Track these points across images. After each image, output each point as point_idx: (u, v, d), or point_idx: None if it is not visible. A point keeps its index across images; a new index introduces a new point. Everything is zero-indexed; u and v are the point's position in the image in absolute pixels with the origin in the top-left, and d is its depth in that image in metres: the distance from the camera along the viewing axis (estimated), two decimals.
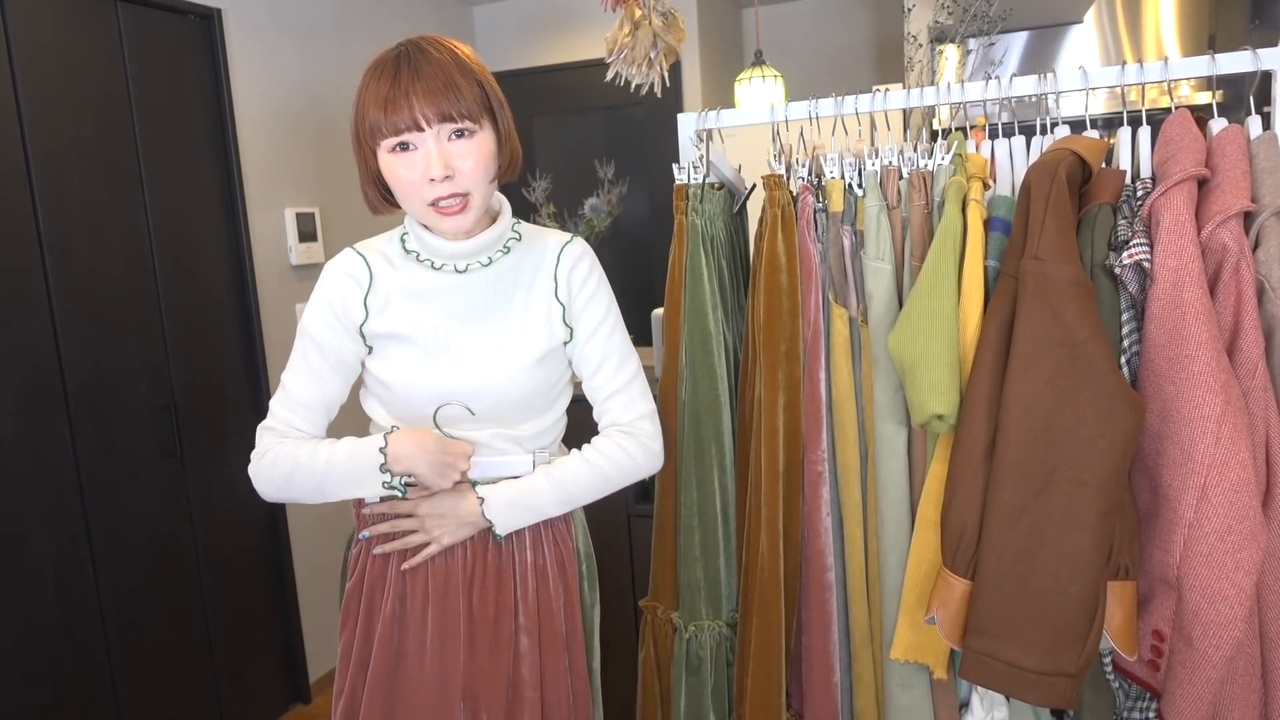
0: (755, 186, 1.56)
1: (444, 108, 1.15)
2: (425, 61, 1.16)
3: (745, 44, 4.28)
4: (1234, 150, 1.21)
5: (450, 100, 1.15)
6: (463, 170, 1.18)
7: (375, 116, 1.16)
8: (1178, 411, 1.15)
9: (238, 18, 2.59)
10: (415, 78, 1.15)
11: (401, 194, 1.22)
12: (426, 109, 1.14)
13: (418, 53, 1.17)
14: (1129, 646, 1.23)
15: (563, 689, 1.34)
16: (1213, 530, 1.12)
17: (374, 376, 1.31)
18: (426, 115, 1.15)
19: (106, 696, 2.23)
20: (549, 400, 1.34)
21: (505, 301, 1.29)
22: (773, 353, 1.42)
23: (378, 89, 1.16)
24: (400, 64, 1.16)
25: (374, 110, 1.16)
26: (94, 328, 2.19)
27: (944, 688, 1.41)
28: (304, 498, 1.26)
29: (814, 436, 1.44)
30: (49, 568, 2.09)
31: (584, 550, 1.42)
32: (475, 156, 1.19)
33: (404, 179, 1.18)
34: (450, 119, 1.16)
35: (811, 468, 1.45)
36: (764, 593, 1.45)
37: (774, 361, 1.43)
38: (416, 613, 1.31)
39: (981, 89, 1.43)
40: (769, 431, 1.43)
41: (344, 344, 1.27)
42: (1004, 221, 1.31)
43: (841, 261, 1.42)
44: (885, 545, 1.41)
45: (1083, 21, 3.07)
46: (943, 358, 1.24)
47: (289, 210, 2.77)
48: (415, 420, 1.29)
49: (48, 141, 2.08)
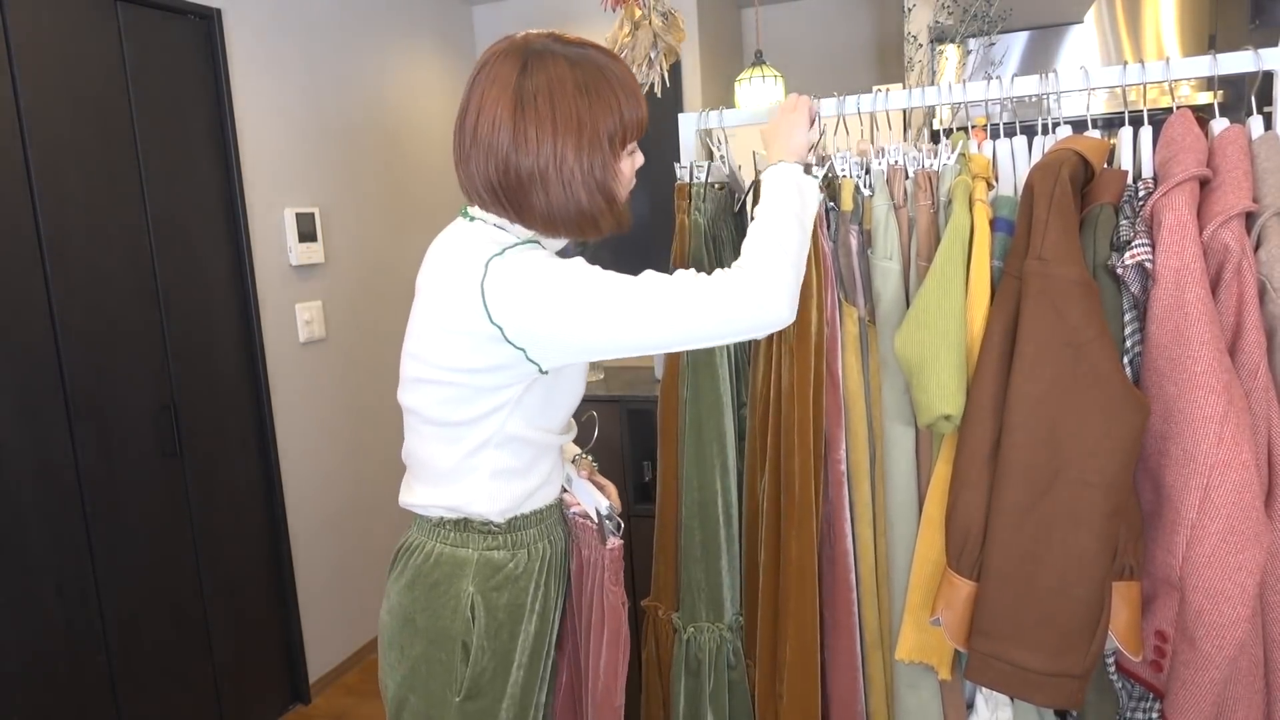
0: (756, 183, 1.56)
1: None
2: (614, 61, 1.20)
3: (745, 44, 4.27)
4: (1235, 150, 1.21)
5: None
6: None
7: (641, 113, 1.17)
8: (1180, 412, 1.15)
9: (238, 18, 2.59)
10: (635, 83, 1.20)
11: (623, 192, 1.21)
12: (644, 112, 1.20)
13: (595, 52, 1.20)
14: (1134, 647, 1.23)
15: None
16: (1215, 531, 1.12)
17: (542, 388, 1.19)
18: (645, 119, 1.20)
19: (106, 696, 2.23)
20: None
21: None
22: (805, 345, 1.40)
23: (632, 89, 1.17)
24: (601, 53, 1.19)
25: (639, 109, 1.17)
26: (94, 328, 2.19)
27: (950, 688, 1.40)
28: (798, 268, 1.16)
29: (835, 436, 1.42)
30: (49, 568, 2.09)
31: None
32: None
33: (630, 178, 1.21)
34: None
35: (835, 468, 1.43)
36: (801, 596, 1.42)
37: (806, 353, 1.40)
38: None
39: (982, 89, 1.43)
40: (802, 428, 1.40)
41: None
42: (1007, 221, 1.31)
43: (849, 260, 1.42)
44: (894, 546, 1.40)
45: (1083, 21, 3.07)
46: (950, 358, 1.24)
47: (289, 210, 2.77)
48: (561, 430, 1.27)
49: (48, 141, 2.08)
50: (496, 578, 1.22)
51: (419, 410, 1.21)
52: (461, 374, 1.13)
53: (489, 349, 1.10)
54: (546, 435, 1.23)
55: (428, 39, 3.44)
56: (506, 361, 1.11)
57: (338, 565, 2.99)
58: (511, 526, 1.23)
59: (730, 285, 1.09)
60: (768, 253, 1.14)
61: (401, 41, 3.31)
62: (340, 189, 2.98)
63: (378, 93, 3.17)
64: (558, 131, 1.10)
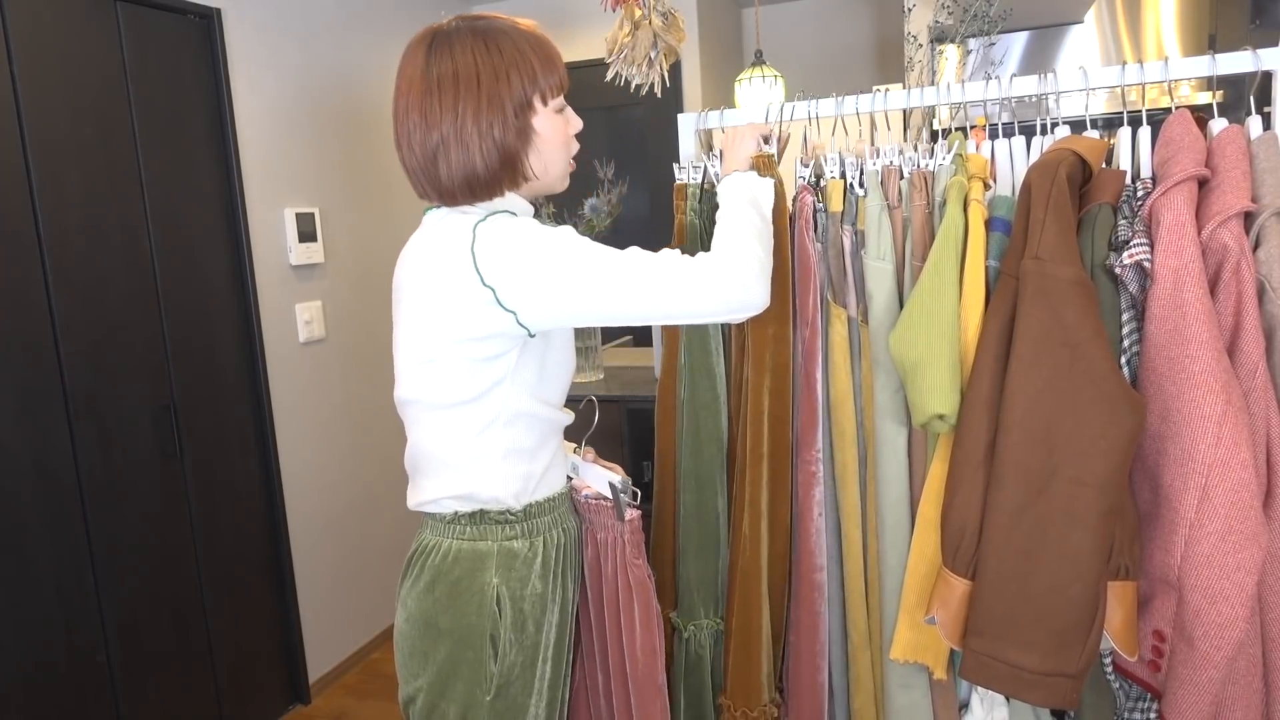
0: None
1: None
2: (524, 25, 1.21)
3: (745, 44, 4.28)
4: (1234, 150, 1.21)
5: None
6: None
7: (552, 72, 1.18)
8: (1178, 412, 1.15)
9: (238, 17, 2.59)
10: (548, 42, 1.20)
11: (556, 154, 1.24)
12: (564, 71, 1.21)
13: (498, 20, 1.20)
14: (1130, 647, 1.23)
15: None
16: (1214, 531, 1.12)
17: (535, 358, 1.21)
18: (565, 78, 1.22)
19: (106, 696, 2.23)
20: None
21: None
22: (761, 333, 1.42)
23: (536, 48, 1.17)
24: (527, 28, 1.19)
25: (547, 67, 1.18)
26: (94, 328, 2.19)
27: (944, 688, 1.40)
28: (766, 254, 1.21)
29: (808, 437, 1.44)
30: (49, 568, 2.09)
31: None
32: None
33: (561, 139, 1.23)
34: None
35: (805, 468, 1.45)
36: (745, 571, 1.45)
37: (762, 342, 1.42)
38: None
39: (981, 89, 1.43)
40: (754, 413, 1.43)
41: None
42: (1004, 221, 1.31)
43: (841, 261, 1.42)
44: (885, 545, 1.40)
45: (1083, 21, 3.07)
46: (944, 358, 1.24)
47: (289, 210, 2.77)
48: (559, 404, 1.29)
49: (47, 141, 2.08)
50: (517, 567, 1.22)
51: (420, 398, 1.21)
52: (457, 346, 1.15)
53: (482, 316, 1.12)
54: (549, 409, 1.24)
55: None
56: (500, 328, 1.13)
57: (338, 565, 2.99)
58: (527, 514, 1.24)
59: (707, 264, 1.14)
60: (735, 240, 1.19)
61: (402, 41, 3.29)
62: (340, 189, 2.99)
63: (378, 93, 3.17)
64: (459, 99, 1.14)
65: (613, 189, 2.80)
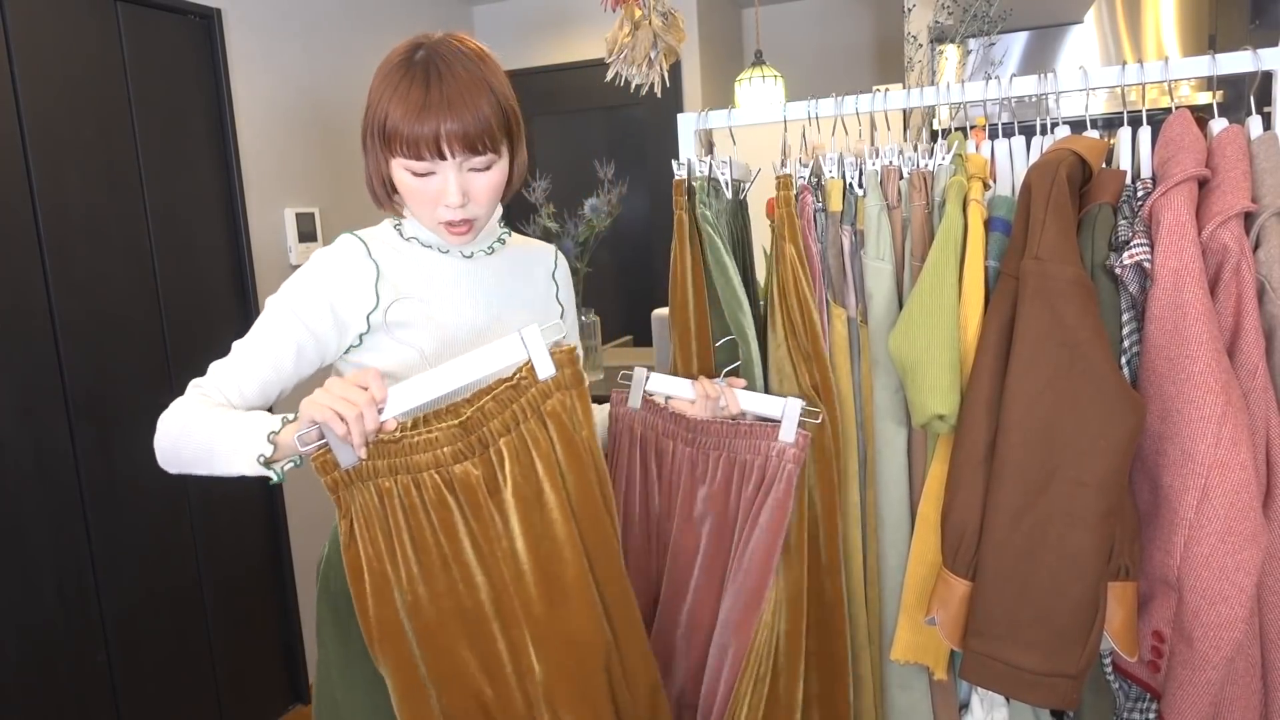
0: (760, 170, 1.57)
1: (471, 140, 1.11)
2: (454, 80, 1.11)
3: (745, 44, 4.27)
4: (1234, 150, 1.21)
5: (478, 132, 1.11)
6: (478, 200, 1.17)
7: (399, 131, 1.10)
8: (1178, 412, 1.14)
9: (238, 18, 2.59)
10: (444, 104, 1.09)
11: (411, 205, 1.21)
12: (454, 141, 1.10)
13: (445, 67, 1.11)
14: (1129, 647, 1.23)
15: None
16: (1213, 531, 1.12)
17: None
18: (452, 147, 1.11)
19: (106, 696, 2.23)
20: None
21: (520, 288, 1.33)
22: (800, 355, 1.40)
23: (405, 100, 1.10)
24: (429, 76, 1.10)
25: (399, 124, 1.10)
26: (94, 328, 2.19)
27: (944, 688, 1.40)
28: (190, 465, 1.16)
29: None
30: (49, 568, 2.09)
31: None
32: (491, 187, 1.18)
33: (417, 197, 1.17)
34: (475, 151, 1.13)
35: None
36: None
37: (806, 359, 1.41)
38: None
39: (981, 89, 1.42)
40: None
41: (328, 336, 1.19)
42: (1004, 222, 1.31)
43: (841, 261, 1.42)
44: (885, 546, 1.40)
45: (1083, 21, 3.07)
46: (943, 358, 1.24)
47: (289, 210, 2.77)
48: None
49: (48, 142, 2.08)
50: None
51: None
52: None
53: None
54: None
55: None
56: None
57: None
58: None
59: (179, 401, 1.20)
60: (190, 423, 1.16)
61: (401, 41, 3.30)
62: (340, 189, 2.99)
63: None
64: (365, 114, 1.18)
65: (612, 189, 2.80)
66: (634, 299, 3.77)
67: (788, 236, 1.39)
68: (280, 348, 1.18)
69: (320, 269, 1.19)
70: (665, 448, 1.39)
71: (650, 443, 1.40)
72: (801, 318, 1.37)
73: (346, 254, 1.21)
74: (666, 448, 1.38)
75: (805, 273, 1.39)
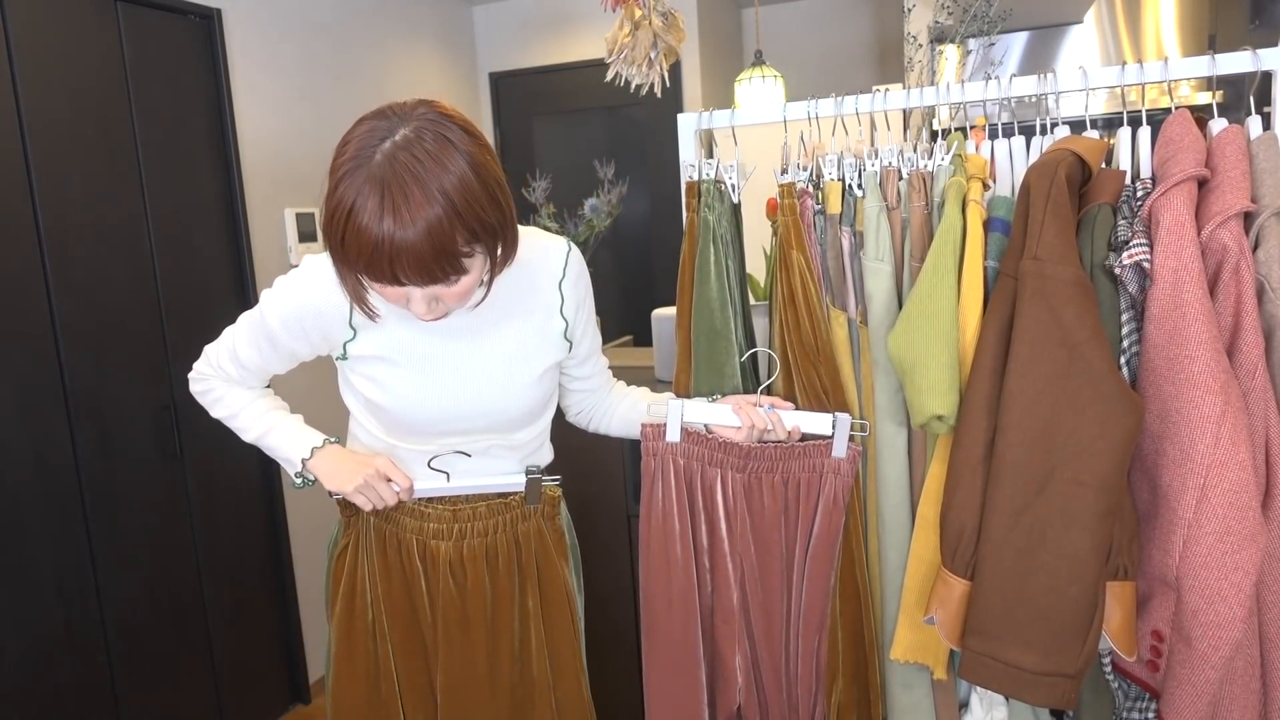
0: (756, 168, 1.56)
1: (430, 273, 1.02)
2: (408, 206, 0.98)
3: (745, 44, 4.28)
4: (1234, 150, 1.21)
5: (437, 264, 1.02)
6: (451, 301, 1.11)
7: (354, 260, 1.02)
8: (1177, 412, 1.15)
9: (238, 18, 2.59)
10: (398, 240, 0.98)
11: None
12: (412, 276, 1.02)
13: (399, 186, 0.98)
14: (1128, 647, 1.23)
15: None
16: (1212, 531, 1.12)
17: (360, 394, 1.31)
18: (411, 280, 1.03)
19: (106, 696, 2.23)
20: (546, 406, 1.36)
21: (504, 318, 1.26)
22: (807, 360, 1.42)
23: (359, 233, 0.99)
24: (383, 201, 0.98)
25: (352, 255, 1.01)
26: (94, 328, 2.19)
27: (944, 688, 1.41)
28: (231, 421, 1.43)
29: None
30: (49, 568, 2.09)
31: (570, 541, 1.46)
32: (464, 292, 1.09)
33: (386, 295, 1.09)
34: (436, 281, 1.04)
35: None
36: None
37: (810, 367, 1.43)
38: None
39: (981, 89, 1.43)
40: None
41: (302, 350, 1.29)
42: (1003, 222, 1.31)
43: (840, 263, 1.42)
44: (886, 546, 1.41)
45: (1083, 21, 3.07)
46: (942, 358, 1.24)
47: (289, 210, 2.77)
48: (417, 436, 1.30)
49: (48, 142, 2.08)
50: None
51: None
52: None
53: None
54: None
55: (428, 39, 3.44)
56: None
57: None
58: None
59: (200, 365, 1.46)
60: (234, 405, 1.44)
61: (402, 42, 3.31)
62: None
63: (378, 93, 3.17)
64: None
65: (612, 189, 2.80)
66: (634, 299, 3.77)
67: (794, 245, 1.40)
68: (266, 353, 1.33)
69: (297, 294, 1.20)
70: (713, 477, 1.37)
71: (696, 474, 1.38)
72: (811, 325, 1.39)
73: (322, 287, 1.17)
74: (714, 476, 1.37)
75: (814, 281, 1.40)
